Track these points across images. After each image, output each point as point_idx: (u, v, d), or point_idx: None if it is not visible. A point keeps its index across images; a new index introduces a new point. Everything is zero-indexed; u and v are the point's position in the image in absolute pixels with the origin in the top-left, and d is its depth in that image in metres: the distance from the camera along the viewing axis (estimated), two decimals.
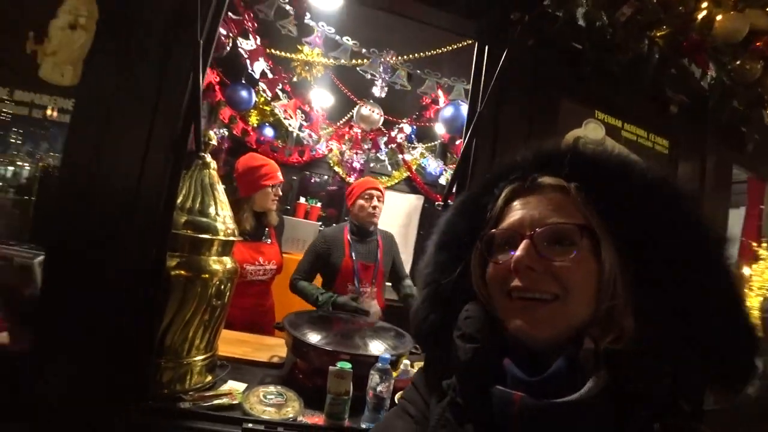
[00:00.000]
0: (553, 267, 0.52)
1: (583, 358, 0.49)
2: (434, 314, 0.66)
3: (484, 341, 0.56)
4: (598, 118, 1.46)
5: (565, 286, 0.51)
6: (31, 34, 1.14)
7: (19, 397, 1.02)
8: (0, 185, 1.22)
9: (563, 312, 0.52)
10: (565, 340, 0.51)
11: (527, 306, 0.53)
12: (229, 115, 3.16)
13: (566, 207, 0.55)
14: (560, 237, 0.53)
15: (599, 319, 0.51)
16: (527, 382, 0.50)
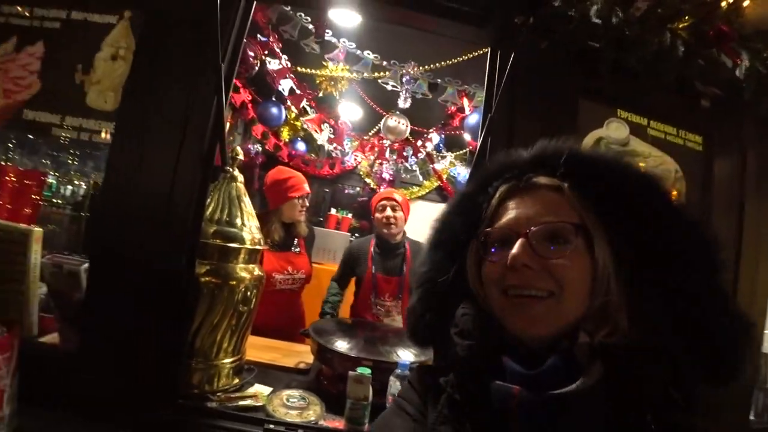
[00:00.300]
0: (548, 264, 0.53)
1: (578, 352, 0.50)
2: (430, 312, 0.67)
3: (481, 338, 0.58)
4: (621, 117, 1.41)
5: (560, 283, 0.52)
6: (79, 67, 1.28)
7: (68, 390, 1.12)
8: (60, 203, 1.36)
9: (558, 308, 0.53)
10: (561, 335, 0.53)
11: (523, 303, 0.54)
12: (261, 131, 3.31)
13: (561, 206, 0.56)
14: (555, 235, 0.54)
15: (593, 314, 0.52)
16: (525, 375, 0.51)
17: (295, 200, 2.11)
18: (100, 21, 1.28)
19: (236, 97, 2.97)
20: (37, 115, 1.27)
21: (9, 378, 0.91)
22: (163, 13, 1.26)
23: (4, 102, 1.27)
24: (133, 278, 1.17)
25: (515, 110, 1.29)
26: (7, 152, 1.32)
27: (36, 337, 1.20)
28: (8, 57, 1.28)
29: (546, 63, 1.27)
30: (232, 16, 1.27)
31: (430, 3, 1.31)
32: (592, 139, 1.39)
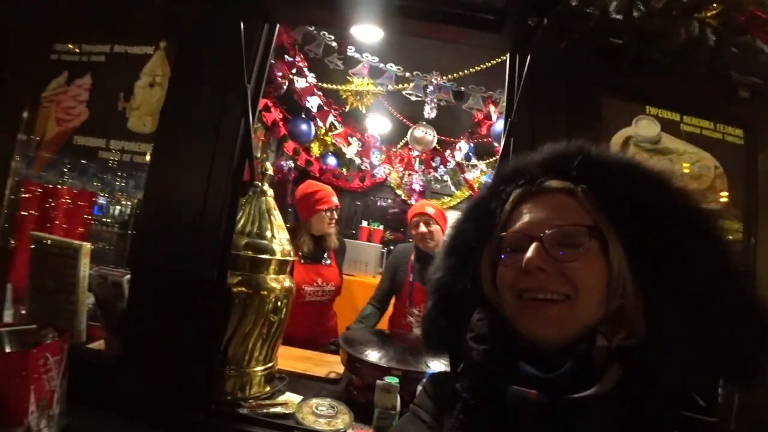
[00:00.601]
0: (562, 267, 0.53)
1: (596, 355, 0.50)
2: (444, 318, 0.68)
3: (497, 342, 0.58)
4: (651, 114, 1.36)
5: (575, 286, 0.52)
6: (121, 95, 1.39)
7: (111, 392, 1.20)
8: (109, 221, 1.47)
9: (573, 311, 0.53)
10: (576, 339, 0.52)
11: (537, 306, 0.54)
12: (293, 147, 3.43)
13: (574, 209, 0.56)
14: (569, 238, 0.54)
15: (610, 317, 0.52)
16: (542, 379, 0.51)
17: (323, 213, 2.15)
18: (139, 52, 1.40)
19: (267, 116, 3.10)
20: (86, 140, 1.40)
21: (59, 379, 0.99)
22: (194, 42, 1.36)
23: (57, 130, 1.41)
24: (169, 289, 1.24)
25: (536, 114, 1.27)
26: (62, 176, 1.44)
27: (84, 343, 1.30)
28: (61, 89, 1.42)
29: (566, 63, 1.25)
30: (256, 40, 1.34)
31: (447, 13, 1.32)
32: (620, 139, 1.34)
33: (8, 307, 1.37)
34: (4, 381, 0.86)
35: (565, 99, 1.24)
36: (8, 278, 1.39)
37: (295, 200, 2.23)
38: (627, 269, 0.53)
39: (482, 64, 2.36)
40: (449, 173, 4.53)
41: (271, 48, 1.41)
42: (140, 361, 1.22)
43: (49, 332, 1.02)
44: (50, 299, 1.28)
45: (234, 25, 1.25)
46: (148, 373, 1.21)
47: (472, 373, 0.59)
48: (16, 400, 0.87)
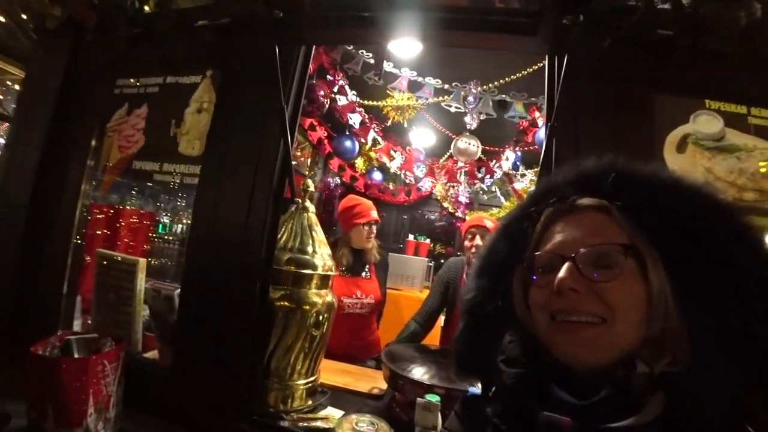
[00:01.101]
0: (597, 288, 0.51)
1: (636, 382, 0.48)
2: (476, 340, 0.67)
3: (529, 365, 0.56)
4: (711, 108, 1.24)
5: (611, 308, 0.50)
6: (173, 121, 1.51)
7: (162, 400, 1.26)
8: (170, 239, 1.59)
9: (610, 334, 0.50)
10: (614, 363, 0.50)
11: (572, 328, 0.52)
12: (338, 164, 3.51)
13: (609, 228, 0.54)
14: (603, 258, 0.52)
15: (651, 341, 0.50)
16: (577, 406, 0.48)
17: (362, 226, 2.17)
18: (188, 81, 1.52)
19: (313, 135, 3.22)
20: (143, 164, 1.52)
21: (115, 385, 1.07)
22: (236, 68, 1.44)
23: (119, 156, 1.55)
24: (215, 302, 1.30)
25: (579, 117, 1.21)
26: (125, 197, 1.59)
27: (140, 352, 1.39)
28: (122, 120, 1.57)
29: (609, 61, 1.18)
30: (292, 63, 1.40)
31: (482, 20, 1.30)
32: (677, 138, 1.23)
33: (77, 317, 1.51)
34: (68, 385, 0.94)
35: (610, 99, 1.17)
36: (78, 291, 1.54)
37: (337, 214, 2.28)
38: (668, 290, 0.49)
39: (523, 70, 2.29)
40: (497, 183, 4.42)
41: (308, 69, 1.47)
42: (188, 371, 1.29)
43: (107, 341, 1.11)
44: (112, 310, 1.40)
45: (271, 51, 1.31)
46: (195, 383, 1.27)
47: (503, 397, 0.58)
48: (77, 402, 0.95)
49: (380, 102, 2.75)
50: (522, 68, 2.30)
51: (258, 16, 1.34)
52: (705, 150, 1.23)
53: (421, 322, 2.24)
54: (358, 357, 2.11)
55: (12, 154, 1.64)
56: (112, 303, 1.40)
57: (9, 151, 1.66)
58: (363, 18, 1.36)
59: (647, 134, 1.21)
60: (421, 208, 5.31)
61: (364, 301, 2.20)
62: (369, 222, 2.19)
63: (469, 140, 3.21)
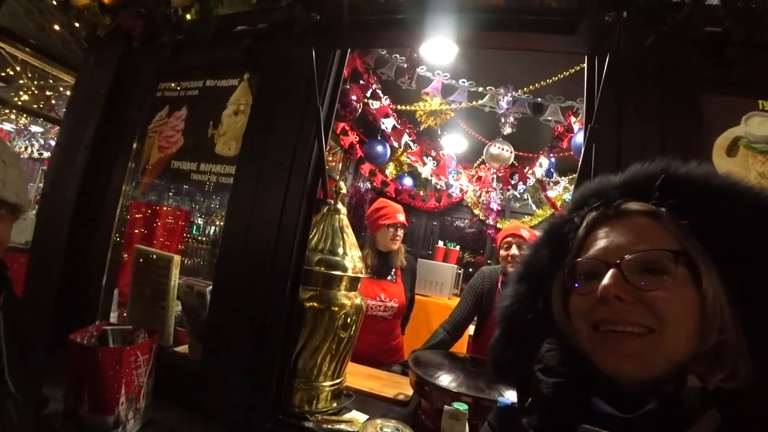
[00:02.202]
0: (644, 297, 0.47)
1: (686, 397, 0.44)
2: (512, 348, 0.64)
3: (568, 375, 0.53)
4: (765, 110, 1.15)
5: (660, 318, 0.46)
6: (211, 123, 1.56)
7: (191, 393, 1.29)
8: (204, 239, 1.63)
9: (658, 346, 0.47)
10: (662, 377, 0.47)
11: (617, 339, 0.49)
12: (369, 169, 3.53)
13: (657, 233, 0.51)
14: (651, 265, 0.48)
15: (705, 355, 0.46)
16: (620, 419, 0.45)
17: (387, 228, 2.18)
18: (226, 85, 1.57)
19: (345, 139, 3.25)
20: (181, 164, 1.58)
21: (146, 376, 1.10)
22: (272, 71, 1.48)
23: (159, 156, 1.62)
24: (246, 301, 1.32)
25: (622, 119, 1.15)
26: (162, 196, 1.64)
27: (171, 346, 1.43)
28: (162, 121, 1.64)
29: (654, 60, 1.12)
30: (328, 65, 1.41)
31: (518, 20, 1.27)
32: (727, 140, 1.15)
33: (114, 309, 1.57)
34: (103, 372, 0.98)
35: (656, 100, 1.11)
36: (116, 285, 1.60)
37: (366, 216, 2.29)
38: (724, 300, 0.46)
39: (559, 73, 2.22)
40: (529, 191, 4.32)
41: (343, 72, 1.48)
42: (217, 366, 1.31)
43: (141, 333, 1.14)
44: (146, 304, 1.45)
45: (307, 54, 1.33)
46: (223, 379, 1.29)
47: (540, 407, 0.54)
48: (110, 390, 0.99)
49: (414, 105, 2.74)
50: (557, 71, 2.23)
51: (296, 20, 1.36)
52: (758, 153, 1.15)
53: (450, 330, 2.19)
54: (381, 361, 2.10)
55: (62, 155, 1.74)
56: (147, 297, 1.45)
57: (59, 152, 1.77)
58: (399, 20, 1.36)
59: (695, 137, 1.14)
60: (451, 215, 5.25)
61: (387, 304, 2.19)
62: (395, 224, 2.19)
63: (502, 146, 3.15)
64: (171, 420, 1.20)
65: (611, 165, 1.14)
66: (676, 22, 1.07)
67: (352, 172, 4.30)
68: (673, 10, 1.07)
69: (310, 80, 1.34)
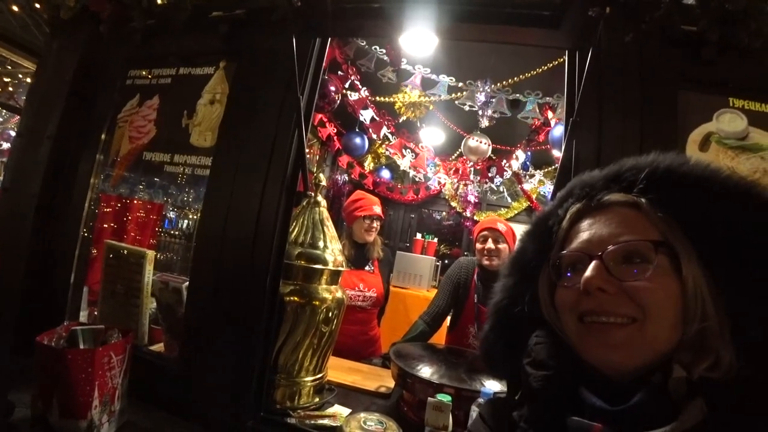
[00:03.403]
0: (627, 287, 0.48)
1: (673, 387, 0.44)
2: (503, 340, 0.64)
3: (557, 368, 0.53)
4: (735, 107, 1.20)
5: (643, 308, 0.47)
6: (185, 112, 1.49)
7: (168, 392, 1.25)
8: (177, 234, 1.57)
9: (642, 336, 0.47)
10: (648, 366, 0.47)
11: (602, 329, 0.49)
12: (347, 161, 3.49)
13: (638, 223, 0.51)
14: (633, 255, 0.49)
15: (689, 343, 0.46)
16: (609, 412, 0.45)
17: (362, 219, 2.20)
18: (201, 73, 1.51)
19: (322, 131, 3.20)
20: (153, 155, 1.51)
21: (121, 377, 1.05)
22: (250, 59, 1.43)
23: (129, 147, 1.54)
24: (224, 296, 1.28)
25: (602, 113, 1.17)
26: (134, 190, 1.57)
27: (147, 345, 1.38)
28: (133, 111, 1.56)
29: (634, 56, 1.15)
30: (308, 54, 1.38)
31: (500, 13, 1.27)
32: (700, 136, 1.19)
33: (84, 308, 1.50)
34: (74, 376, 0.93)
35: (636, 95, 1.13)
36: (86, 282, 1.53)
37: (343, 207, 2.31)
38: (705, 288, 0.46)
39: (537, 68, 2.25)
40: (505, 184, 4.38)
41: (323, 61, 1.45)
42: (195, 364, 1.27)
43: (114, 332, 1.09)
44: (119, 302, 1.39)
45: (287, 42, 1.29)
46: (202, 377, 1.25)
47: (530, 400, 0.55)
48: (82, 394, 0.94)
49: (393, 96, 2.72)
50: (536, 66, 2.26)
51: (276, 6, 1.31)
52: (728, 149, 1.20)
53: (429, 321, 2.20)
54: (358, 352, 2.11)
55: (23, 146, 1.64)
56: (119, 295, 1.39)
57: (21, 143, 1.66)
58: (380, 9, 1.34)
59: (671, 132, 1.18)
60: (429, 207, 5.28)
61: (366, 294, 2.21)
62: (370, 216, 2.21)
63: (480, 139, 3.18)
64: (148, 421, 1.16)
65: (591, 158, 1.17)
66: (654, 20, 1.10)
67: (330, 165, 4.25)
68: (652, 9, 1.09)
69: (291, 69, 1.31)
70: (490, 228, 2.14)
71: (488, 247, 2.09)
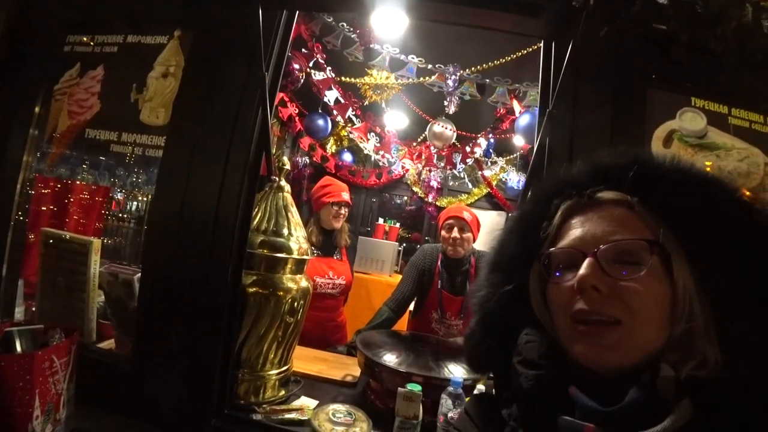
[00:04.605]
0: (619, 288, 0.48)
1: (661, 386, 0.45)
2: (489, 338, 0.63)
3: (548, 367, 0.52)
4: (696, 106, 1.26)
5: (630, 310, 0.47)
6: (134, 86, 1.35)
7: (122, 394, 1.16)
8: (126, 217, 1.44)
9: (632, 336, 0.47)
10: (638, 366, 0.47)
11: (593, 331, 0.49)
12: (308, 143, 3.37)
13: (631, 223, 0.51)
14: (627, 255, 0.49)
15: (676, 343, 0.47)
16: (601, 412, 0.45)
17: (330, 205, 2.16)
18: (153, 42, 1.36)
19: (284, 111, 3.05)
20: (97, 133, 1.36)
21: (66, 382, 0.95)
22: (210, 30, 1.31)
23: (69, 123, 1.38)
24: (181, 288, 1.19)
25: (578, 104, 1.18)
26: (75, 170, 1.41)
27: (95, 342, 1.26)
28: (73, 82, 1.39)
29: (608, 51, 1.16)
30: (274, 28, 1.28)
31: None
32: (664, 133, 1.24)
33: (19, 303, 1.34)
34: (9, 386, 0.82)
35: (610, 89, 1.15)
36: (21, 273, 1.37)
37: (311, 193, 2.27)
38: (693, 289, 0.47)
39: (507, 56, 2.25)
40: (467, 170, 4.44)
41: (290, 36, 1.35)
42: (151, 362, 1.18)
43: (55, 333, 0.98)
44: (61, 297, 1.25)
45: (252, 13, 1.19)
46: (158, 375, 1.17)
47: (520, 399, 0.54)
48: (21, 405, 0.83)
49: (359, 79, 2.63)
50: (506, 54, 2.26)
51: None
52: (689, 146, 1.26)
53: (394, 308, 2.20)
54: (326, 339, 2.10)
55: None
56: (61, 288, 1.25)
57: None
58: None
59: (638, 127, 1.22)
60: (390, 192, 5.26)
61: (336, 282, 2.19)
62: (339, 202, 2.18)
63: (445, 125, 3.17)
64: (101, 427, 1.07)
65: (564, 149, 1.18)
66: (629, 16, 1.11)
67: (290, 147, 4.10)
68: (627, 5, 1.10)
69: (255, 43, 1.21)
70: (455, 216, 2.15)
71: (453, 236, 2.10)
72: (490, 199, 4.88)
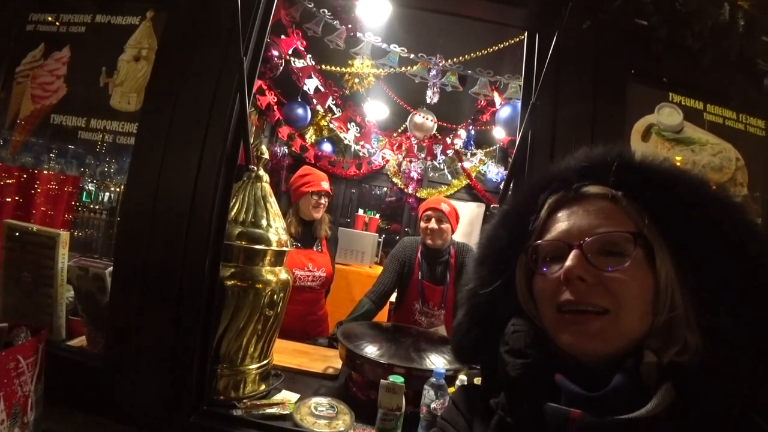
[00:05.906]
0: (604, 278, 0.50)
1: (644, 372, 0.47)
2: (477, 329, 0.64)
3: (535, 356, 0.54)
4: (674, 102, 1.29)
5: (617, 300, 0.49)
6: (103, 69, 1.28)
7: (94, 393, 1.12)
8: (97, 208, 1.36)
9: (616, 325, 0.49)
10: (621, 353, 0.49)
11: (578, 320, 0.51)
12: (287, 133, 3.30)
13: (616, 216, 0.53)
14: (612, 246, 0.51)
15: (659, 330, 0.49)
16: (586, 398, 0.47)
17: (309, 195, 2.12)
18: (123, 23, 1.29)
19: (262, 100, 2.97)
20: (64, 119, 1.28)
21: (33, 383, 0.90)
22: (185, 12, 1.25)
23: (32, 108, 1.29)
24: (156, 281, 1.15)
25: (560, 97, 1.19)
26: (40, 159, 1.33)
27: (65, 340, 1.20)
28: (36, 64, 1.30)
29: (590, 45, 1.17)
30: (253, 11, 1.23)
31: None
32: (643, 126, 1.27)
33: None
34: None
35: (592, 82, 1.16)
36: None
37: (290, 183, 2.21)
38: (675, 279, 0.49)
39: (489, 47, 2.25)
40: (446, 161, 4.46)
41: (269, 20, 1.30)
42: (124, 359, 1.13)
43: (21, 331, 0.92)
44: (26, 292, 1.18)
45: None
46: (132, 373, 1.13)
47: (508, 388, 0.56)
48: None
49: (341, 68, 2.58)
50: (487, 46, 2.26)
51: None
52: (666, 141, 1.29)
53: (375, 299, 2.21)
54: (307, 332, 2.08)
55: None
56: (26, 284, 1.18)
57: None
58: None
59: (618, 121, 1.24)
60: (370, 183, 5.23)
61: (316, 274, 2.15)
62: (318, 192, 2.14)
63: (426, 115, 3.16)
64: (72, 428, 1.03)
65: (546, 140, 1.19)
66: (611, 10, 1.12)
67: (268, 136, 4.01)
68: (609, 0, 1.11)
69: (233, 25, 1.16)
70: (434, 208, 2.18)
71: (431, 227, 2.14)
72: (470, 190, 4.92)
